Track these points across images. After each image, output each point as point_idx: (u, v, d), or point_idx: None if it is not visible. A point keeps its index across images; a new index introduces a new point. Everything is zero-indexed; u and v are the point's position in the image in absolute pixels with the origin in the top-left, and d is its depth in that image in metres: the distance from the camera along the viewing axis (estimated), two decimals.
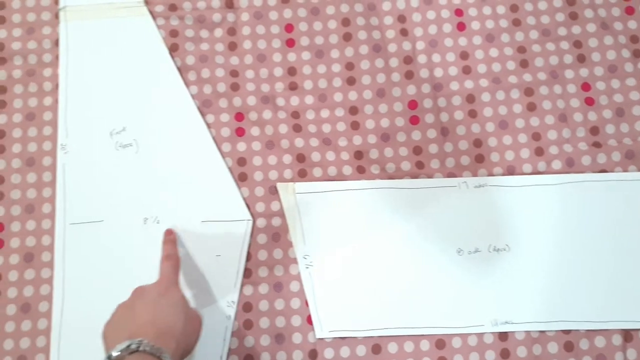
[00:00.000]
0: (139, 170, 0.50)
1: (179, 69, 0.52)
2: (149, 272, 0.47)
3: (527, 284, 0.48)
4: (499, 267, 0.48)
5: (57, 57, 0.52)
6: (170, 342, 0.39)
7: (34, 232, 0.49)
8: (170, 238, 0.48)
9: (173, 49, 0.52)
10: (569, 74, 0.52)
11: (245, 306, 0.48)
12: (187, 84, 0.52)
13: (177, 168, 0.50)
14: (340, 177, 0.50)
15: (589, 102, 0.51)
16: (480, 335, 0.47)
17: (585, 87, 0.51)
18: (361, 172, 0.50)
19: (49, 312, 0.47)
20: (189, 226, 0.49)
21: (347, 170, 0.50)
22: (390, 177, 0.50)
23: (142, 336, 0.38)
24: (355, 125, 0.51)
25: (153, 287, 0.43)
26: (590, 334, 0.47)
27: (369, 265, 0.49)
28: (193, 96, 0.51)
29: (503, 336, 0.47)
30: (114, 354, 0.37)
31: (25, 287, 0.48)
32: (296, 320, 0.48)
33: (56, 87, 0.52)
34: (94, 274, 0.48)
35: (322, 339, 0.47)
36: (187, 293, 0.48)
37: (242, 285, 0.48)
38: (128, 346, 0.37)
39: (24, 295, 0.48)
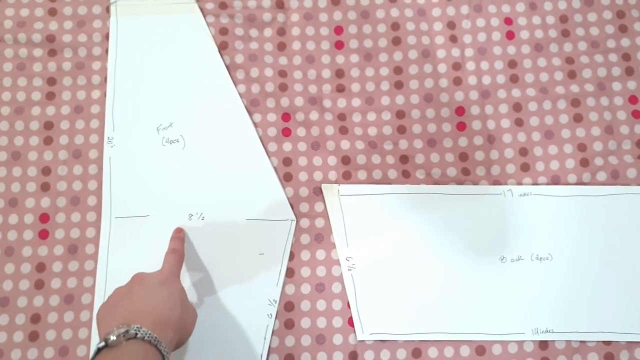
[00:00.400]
0: (185, 166, 0.53)
1: (227, 67, 0.55)
2: (191, 267, 0.51)
3: (569, 294, 0.50)
4: (542, 275, 0.51)
5: (106, 51, 0.55)
6: (167, 331, 0.41)
7: (79, 224, 0.52)
8: (179, 235, 0.51)
9: (222, 47, 0.55)
10: (616, 86, 0.54)
11: (287, 305, 0.50)
12: (236, 82, 0.54)
13: (223, 165, 0.53)
14: (385, 180, 0.53)
15: (636, 115, 0.54)
16: (520, 343, 0.50)
17: (633, 99, 0.54)
18: (406, 176, 0.53)
19: (92, 304, 0.50)
20: (234, 223, 0.52)
21: (392, 174, 0.53)
22: (436, 183, 0.52)
23: (138, 322, 0.39)
24: (401, 130, 0.54)
25: (153, 275, 0.45)
26: (631, 345, 0.50)
27: (411, 269, 0.51)
28: (241, 95, 0.54)
29: (543, 345, 0.50)
30: (112, 337, 0.38)
31: (68, 278, 0.50)
32: (337, 322, 0.50)
33: (105, 80, 0.54)
34: (137, 268, 0.50)
35: (362, 341, 0.50)
36: (229, 290, 0.50)
37: (284, 284, 0.51)
38: (127, 331, 0.38)
39: (67, 286, 0.50)
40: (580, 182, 0.52)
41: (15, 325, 0.49)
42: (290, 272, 0.51)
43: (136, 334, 0.38)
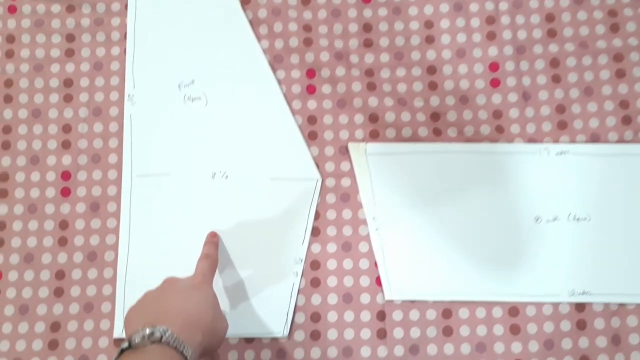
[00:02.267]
0: (207, 124, 0.64)
1: (250, 22, 0.65)
2: (215, 227, 0.61)
3: (607, 255, 0.60)
4: (579, 236, 0.60)
5: (125, 7, 0.66)
6: (197, 334, 0.47)
7: (100, 182, 0.63)
8: (213, 240, 0.60)
9: (245, 2, 0.66)
10: None
11: (313, 264, 0.60)
12: (259, 38, 0.65)
13: (246, 124, 0.64)
14: (415, 138, 0.62)
15: None
16: (555, 305, 0.59)
17: None
18: (437, 134, 0.62)
19: (115, 261, 0.61)
20: (258, 183, 0.62)
21: (423, 131, 0.62)
22: (468, 141, 0.62)
23: (168, 324, 0.44)
24: (432, 86, 0.63)
25: (185, 279, 0.53)
26: None
27: (440, 230, 0.61)
28: (264, 51, 0.64)
29: (580, 307, 0.59)
30: (136, 339, 0.43)
31: (91, 236, 0.61)
32: (365, 281, 0.60)
33: (124, 37, 0.66)
34: (160, 227, 0.62)
35: (391, 301, 0.60)
36: (254, 249, 0.61)
37: (310, 243, 0.61)
38: (152, 333, 0.43)
39: (90, 244, 0.61)
40: (621, 141, 0.61)
41: (41, 282, 0.60)
42: (316, 231, 0.61)
43: (161, 337, 0.43)
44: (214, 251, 0.58)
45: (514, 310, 0.59)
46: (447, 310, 0.59)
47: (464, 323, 0.59)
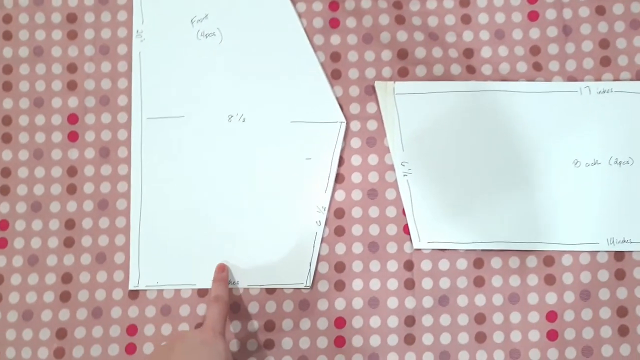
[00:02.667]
0: (222, 62, 0.57)
1: None
2: (231, 172, 0.56)
3: None
4: (620, 181, 0.55)
5: None
6: None
7: (110, 125, 0.57)
8: (222, 276, 0.54)
9: None
10: None
11: (337, 212, 0.55)
12: None
13: (264, 62, 0.57)
14: (447, 77, 0.56)
15: None
16: (593, 253, 0.54)
17: None
18: (471, 72, 0.56)
19: (127, 210, 0.56)
20: (277, 126, 0.56)
21: (455, 69, 0.56)
22: (504, 79, 0.56)
23: None
24: (465, 19, 0.57)
25: (196, 333, 0.48)
26: None
27: (472, 174, 0.56)
28: None
29: (619, 255, 0.54)
30: None
31: (102, 183, 0.56)
32: (391, 229, 0.55)
33: None
34: (174, 173, 0.57)
35: (419, 249, 0.55)
36: (274, 197, 0.55)
37: (334, 190, 0.56)
38: None
39: (100, 191, 0.56)
40: None
41: (50, 231, 0.55)
42: (340, 178, 0.56)
43: None
44: (224, 291, 0.53)
45: (549, 259, 0.54)
46: (478, 260, 0.55)
47: (496, 273, 0.54)
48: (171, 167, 0.56)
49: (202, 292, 0.55)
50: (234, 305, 0.55)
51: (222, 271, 0.54)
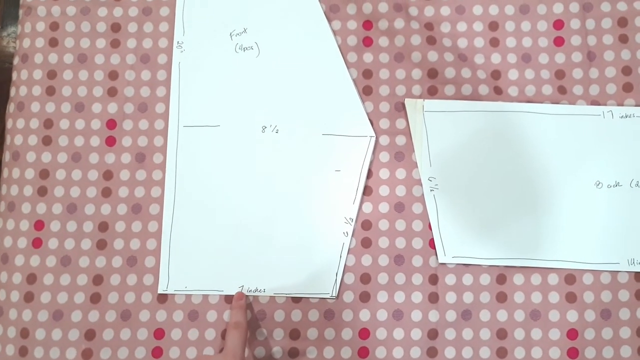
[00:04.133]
0: (258, 75, 0.53)
1: None
2: (263, 181, 0.51)
3: None
4: None
5: None
6: None
7: (147, 132, 0.52)
8: (241, 304, 0.49)
9: None
10: None
11: (364, 224, 0.51)
12: None
13: (299, 76, 0.53)
14: (475, 97, 0.52)
15: None
16: (614, 273, 0.50)
17: None
18: (498, 93, 0.52)
19: (160, 214, 0.51)
20: (309, 138, 0.52)
21: (483, 90, 0.52)
22: (529, 101, 0.52)
23: None
24: (494, 42, 0.53)
25: (220, 357, 0.45)
26: None
27: (498, 193, 0.51)
28: (320, 0, 0.53)
29: (639, 276, 0.49)
30: None
31: (136, 187, 0.52)
32: (417, 243, 0.51)
33: None
34: (206, 180, 0.52)
35: (444, 264, 0.50)
36: (303, 207, 0.51)
37: (362, 202, 0.51)
38: None
39: (135, 195, 0.52)
40: None
41: (84, 233, 0.51)
42: (368, 191, 0.51)
43: None
44: (242, 318, 0.48)
45: (570, 277, 0.50)
46: (501, 276, 0.50)
47: (518, 289, 0.50)
48: (204, 174, 0.52)
49: (229, 299, 0.50)
50: (260, 312, 0.50)
51: (241, 299, 0.50)
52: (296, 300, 0.50)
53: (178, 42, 0.54)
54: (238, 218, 0.51)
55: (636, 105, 0.52)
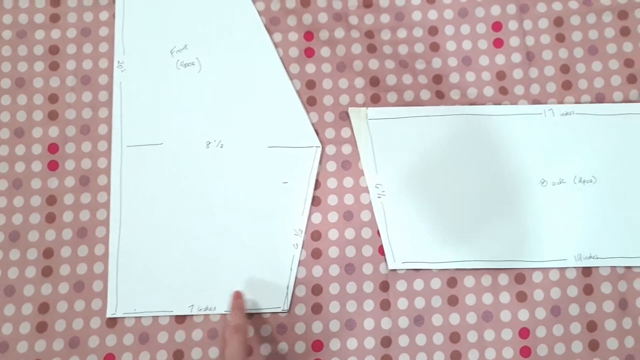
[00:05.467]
0: (201, 90, 0.49)
1: None
2: (210, 197, 0.47)
3: (614, 217, 0.47)
4: (585, 199, 0.47)
5: None
6: None
7: (90, 154, 0.48)
8: (239, 303, 0.45)
9: None
10: None
11: (314, 235, 0.47)
12: None
13: (242, 90, 0.49)
14: (418, 102, 0.49)
15: None
16: (562, 270, 0.47)
17: None
18: (440, 97, 0.49)
19: (106, 237, 0.46)
20: (255, 152, 0.48)
21: (425, 94, 0.49)
22: (472, 103, 0.48)
23: None
24: (434, 47, 0.49)
25: None
26: None
27: (444, 195, 0.47)
28: (260, 13, 0.50)
29: (587, 271, 0.47)
30: None
31: (81, 211, 0.47)
32: (367, 251, 0.47)
33: (113, 0, 0.50)
34: (153, 199, 0.48)
35: (394, 270, 0.47)
36: (252, 222, 0.47)
37: (311, 213, 0.47)
38: None
39: (80, 219, 0.47)
40: (626, 100, 0.48)
41: (27, 261, 0.45)
42: (316, 201, 0.47)
43: None
44: (242, 319, 0.43)
45: (520, 277, 0.46)
46: (452, 279, 0.46)
47: (469, 292, 0.46)
48: (150, 194, 0.47)
49: (179, 319, 0.45)
50: (212, 331, 0.45)
51: (239, 298, 0.45)
52: (248, 316, 0.45)
53: (119, 62, 0.49)
54: (186, 236, 0.47)
55: (576, 103, 0.48)
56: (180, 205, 0.47)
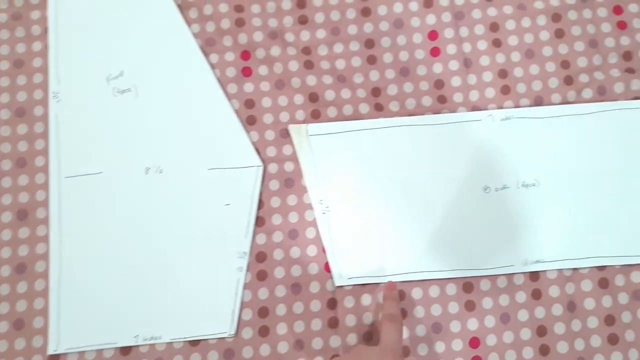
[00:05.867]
0: (139, 117, 0.47)
1: (179, 6, 0.49)
2: (151, 224, 0.45)
3: (558, 220, 0.46)
4: (528, 203, 0.46)
5: None
6: None
7: (27, 187, 0.46)
8: (394, 294, 0.44)
9: None
10: None
11: (259, 256, 0.46)
12: (188, 22, 0.49)
13: (180, 113, 0.48)
14: (357, 116, 0.48)
15: (622, 25, 0.48)
16: (510, 276, 0.46)
17: (617, 10, 0.49)
18: (379, 109, 0.48)
19: (46, 272, 0.45)
20: (195, 175, 0.46)
21: (364, 108, 0.48)
22: (411, 114, 0.47)
23: None
24: (371, 60, 0.48)
25: (377, 351, 0.39)
26: (626, 269, 0.46)
27: (389, 208, 0.46)
28: (195, 35, 0.48)
29: (534, 276, 0.46)
30: None
31: (19, 246, 0.45)
32: (313, 269, 0.46)
33: (45, 30, 0.49)
34: (93, 230, 0.46)
35: (341, 287, 0.45)
36: (195, 246, 0.45)
37: (255, 234, 0.46)
38: None
39: (18, 255, 0.45)
40: (565, 102, 0.47)
41: None
42: (260, 221, 0.46)
43: None
44: (397, 310, 0.42)
45: (468, 285, 0.45)
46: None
47: (418, 303, 0.45)
48: (91, 224, 0.46)
49: (124, 351, 0.44)
50: None
51: (393, 289, 0.44)
52: (194, 343, 0.44)
53: (54, 93, 0.47)
54: (129, 265, 0.45)
55: (515, 107, 0.47)
56: (121, 234, 0.45)
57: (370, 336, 0.44)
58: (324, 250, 0.46)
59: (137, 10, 0.49)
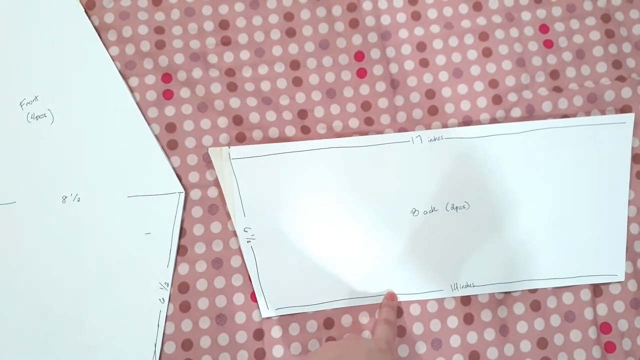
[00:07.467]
0: (54, 143, 0.44)
1: (96, 28, 0.46)
2: (69, 255, 0.42)
3: (488, 243, 0.44)
4: (458, 226, 0.44)
5: None
6: None
7: None
8: (393, 304, 0.42)
9: (89, 7, 0.46)
10: (525, 15, 0.47)
11: (181, 287, 0.42)
12: (107, 44, 0.46)
13: (98, 139, 0.44)
14: (283, 138, 0.45)
15: (548, 44, 0.47)
16: (440, 300, 0.43)
17: (543, 28, 0.47)
18: (306, 132, 0.45)
19: None
20: (114, 203, 0.43)
21: (290, 130, 0.45)
22: (338, 136, 0.45)
23: None
24: (297, 82, 0.46)
25: (371, 341, 0.38)
26: (558, 291, 0.44)
27: (316, 234, 0.44)
28: (113, 58, 0.45)
29: (465, 300, 0.43)
30: None
31: None
32: (239, 299, 0.42)
33: None
34: (5, 263, 0.42)
35: (268, 317, 0.42)
36: (114, 277, 0.42)
37: (177, 264, 0.43)
38: None
39: None
40: (493, 121, 0.45)
41: None
42: (182, 250, 0.43)
43: None
44: (393, 316, 0.42)
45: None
46: (328, 320, 0.42)
47: (347, 330, 0.42)
48: (4, 256, 0.42)
49: None
50: None
51: (393, 299, 0.42)
52: None
53: None
54: (45, 297, 0.41)
55: (443, 127, 0.46)
56: (36, 267, 0.42)
57: None
58: (249, 280, 0.43)
59: (53, 32, 0.46)
